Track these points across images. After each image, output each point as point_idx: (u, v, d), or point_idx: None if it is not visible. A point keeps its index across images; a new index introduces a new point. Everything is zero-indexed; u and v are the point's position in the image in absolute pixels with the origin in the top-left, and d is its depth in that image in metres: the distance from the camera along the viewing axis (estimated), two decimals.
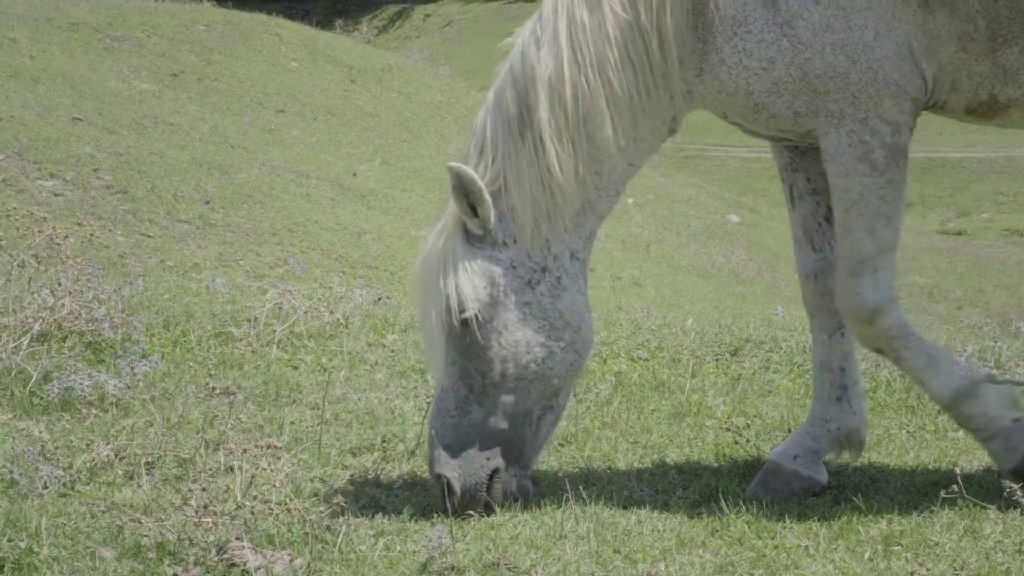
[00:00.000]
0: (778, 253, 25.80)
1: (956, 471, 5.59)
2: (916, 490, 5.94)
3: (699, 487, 6.02)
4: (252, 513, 5.17)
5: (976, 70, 5.62)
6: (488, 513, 5.56)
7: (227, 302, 9.54)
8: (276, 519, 5.24)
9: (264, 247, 15.05)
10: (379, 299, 10.10)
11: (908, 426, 7.25)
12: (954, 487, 5.45)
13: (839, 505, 5.77)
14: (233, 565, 4.94)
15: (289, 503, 5.29)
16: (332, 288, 9.99)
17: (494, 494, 5.59)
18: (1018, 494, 5.35)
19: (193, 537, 5.04)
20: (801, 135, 5.73)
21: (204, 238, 14.85)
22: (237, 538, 5.03)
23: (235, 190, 16.70)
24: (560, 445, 6.64)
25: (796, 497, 5.89)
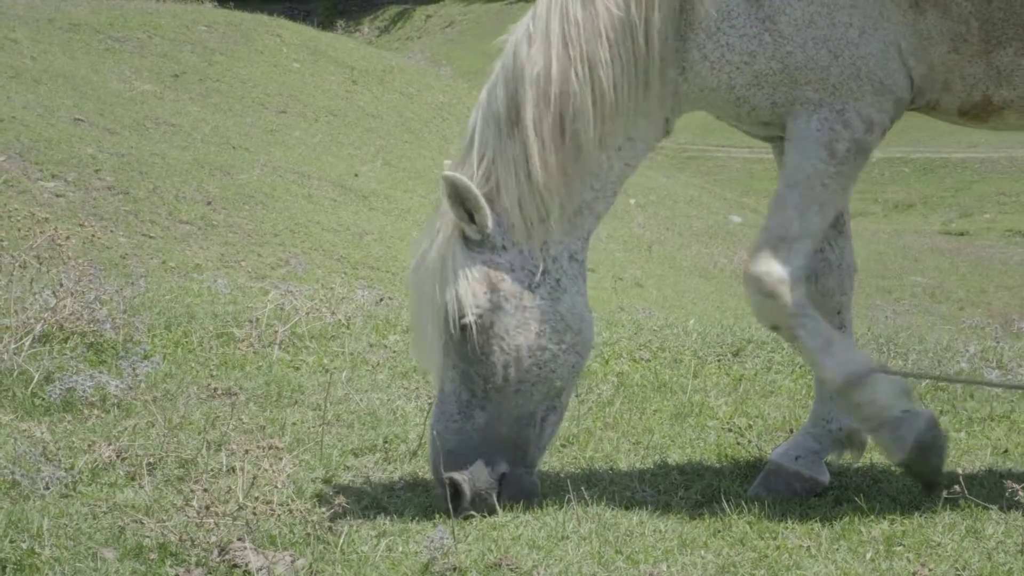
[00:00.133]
0: None
1: (958, 471, 5.59)
2: (918, 491, 5.93)
3: (701, 488, 6.01)
4: (254, 514, 5.17)
5: (969, 71, 5.58)
6: (490, 514, 5.56)
7: (229, 303, 9.54)
8: (278, 520, 5.24)
9: (266, 248, 15.04)
10: (381, 300, 10.10)
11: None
12: (956, 487, 5.44)
13: (841, 506, 5.77)
14: (235, 566, 4.94)
15: (291, 504, 5.29)
16: (334, 289, 9.99)
17: (502, 498, 5.59)
18: (1020, 494, 5.35)
19: (195, 538, 5.04)
20: (781, 125, 5.69)
21: (206, 239, 14.85)
22: (239, 539, 5.03)
23: (237, 191, 16.70)
24: (562, 446, 6.64)
25: (798, 498, 5.88)
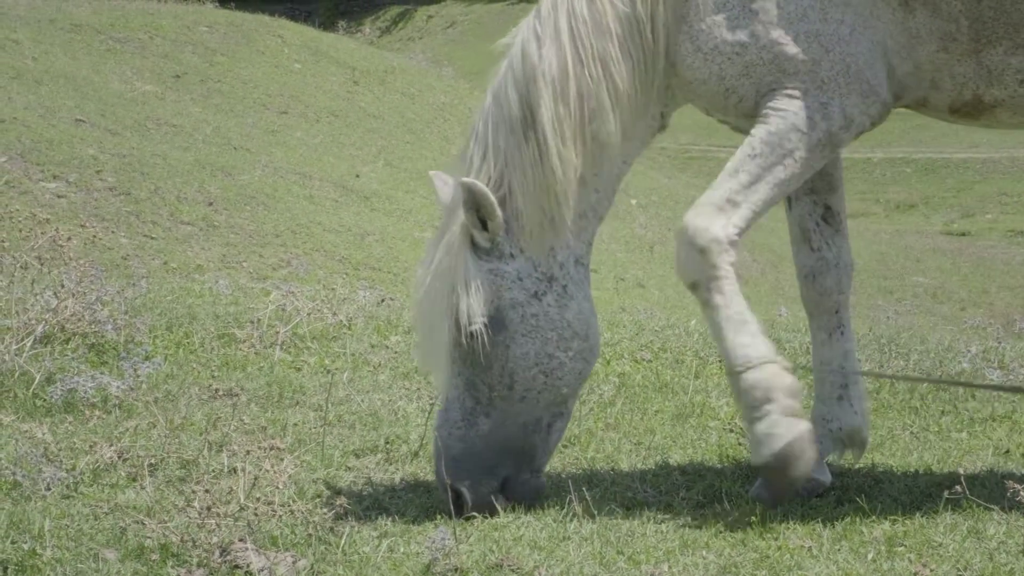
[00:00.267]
0: (781, 254, 25.75)
1: (960, 472, 5.59)
2: (920, 491, 5.94)
3: (702, 488, 6.01)
4: (255, 515, 5.17)
5: (959, 70, 5.56)
6: (492, 515, 5.56)
7: (230, 304, 9.55)
8: (279, 521, 5.24)
9: (267, 249, 15.04)
10: (382, 301, 10.10)
11: (911, 427, 7.24)
12: (958, 488, 5.44)
13: (842, 506, 5.77)
14: (236, 567, 4.94)
15: (292, 505, 5.29)
16: (335, 290, 10.00)
17: (503, 502, 5.58)
18: (1022, 495, 5.35)
19: (196, 539, 5.04)
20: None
21: (207, 240, 14.85)
22: (240, 540, 5.03)
23: (238, 192, 16.70)
24: (563, 446, 6.63)
25: (799, 498, 5.88)
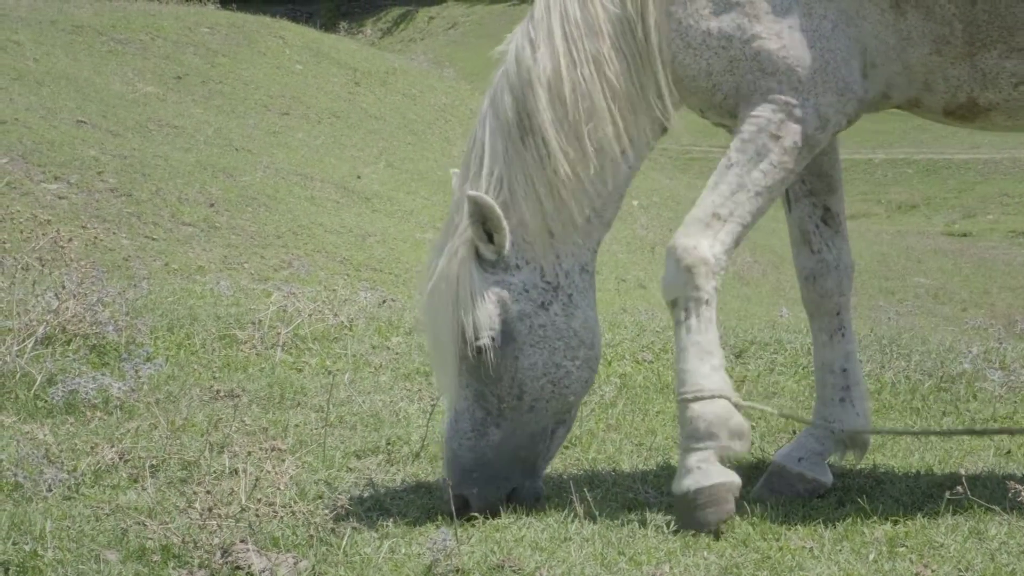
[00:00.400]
0: (783, 255, 25.75)
1: (961, 473, 5.58)
2: (921, 492, 5.94)
3: None
4: (257, 516, 5.17)
5: (952, 73, 5.54)
6: (494, 516, 5.56)
7: (231, 305, 9.55)
8: (280, 522, 5.24)
9: (268, 250, 15.03)
10: (383, 302, 10.10)
11: (913, 427, 7.24)
12: (959, 489, 5.43)
13: (844, 507, 5.77)
14: (238, 568, 4.95)
15: (293, 506, 5.29)
16: (336, 291, 9.99)
17: (513, 506, 5.58)
18: (1023, 495, 5.35)
19: (198, 540, 5.04)
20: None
21: (208, 241, 14.85)
22: (242, 541, 5.03)
23: (239, 193, 16.69)
24: (564, 447, 6.63)
25: (801, 499, 5.88)
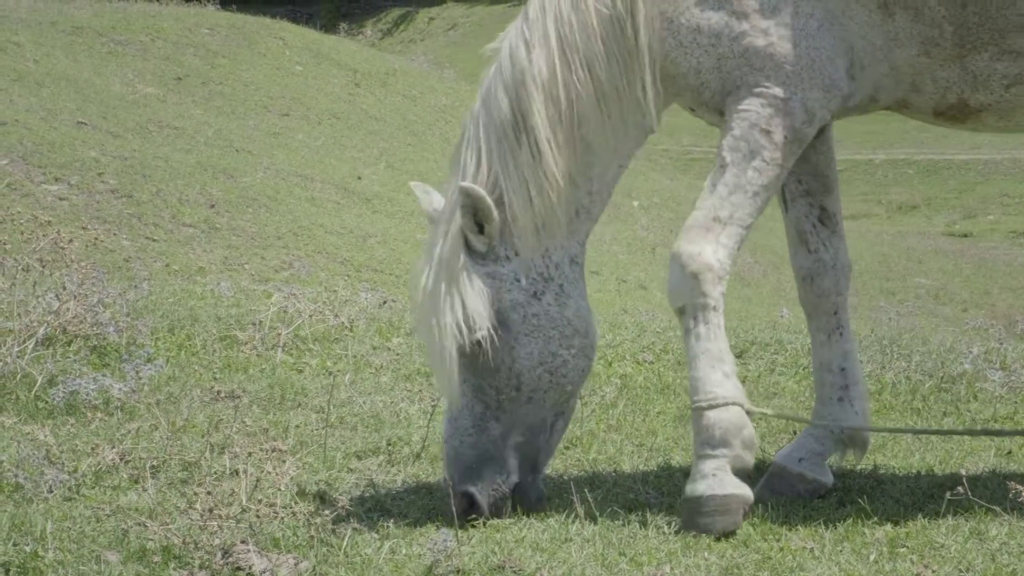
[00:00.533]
0: (783, 256, 25.72)
1: (962, 473, 5.58)
2: (922, 492, 5.93)
3: None
4: (257, 517, 5.17)
5: (942, 75, 5.54)
6: (500, 517, 5.54)
7: (232, 306, 9.55)
8: (281, 523, 5.24)
9: (269, 251, 15.04)
10: (384, 302, 10.10)
11: (914, 428, 7.24)
12: (960, 489, 5.43)
13: (844, 507, 5.76)
14: (238, 569, 4.95)
15: (294, 507, 5.29)
16: (337, 292, 9.99)
17: (515, 506, 5.57)
18: None
19: (198, 541, 5.04)
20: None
21: (209, 242, 14.85)
22: (242, 541, 5.03)
23: (240, 194, 16.69)
24: (565, 448, 6.63)
25: (802, 499, 5.88)
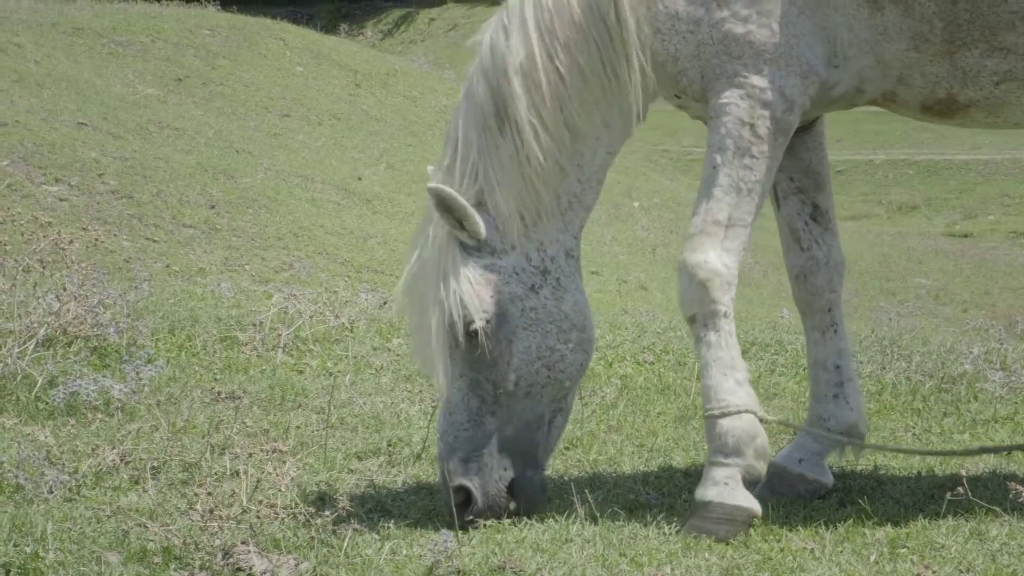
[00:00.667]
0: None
1: (962, 473, 5.58)
2: (922, 493, 5.94)
3: None
4: (258, 517, 5.17)
5: (931, 70, 5.53)
6: (500, 516, 5.53)
7: (232, 306, 9.55)
8: (282, 523, 5.24)
9: (269, 252, 15.04)
10: (384, 303, 10.09)
11: (914, 428, 7.24)
12: (960, 489, 5.43)
13: (845, 508, 5.77)
14: (239, 569, 4.95)
15: (295, 507, 5.29)
16: (337, 292, 10.00)
17: (514, 503, 5.56)
18: None
19: (199, 541, 5.04)
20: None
21: (209, 243, 14.86)
22: (243, 542, 5.03)
23: (240, 195, 16.70)
24: (566, 448, 6.63)
25: (802, 500, 5.88)
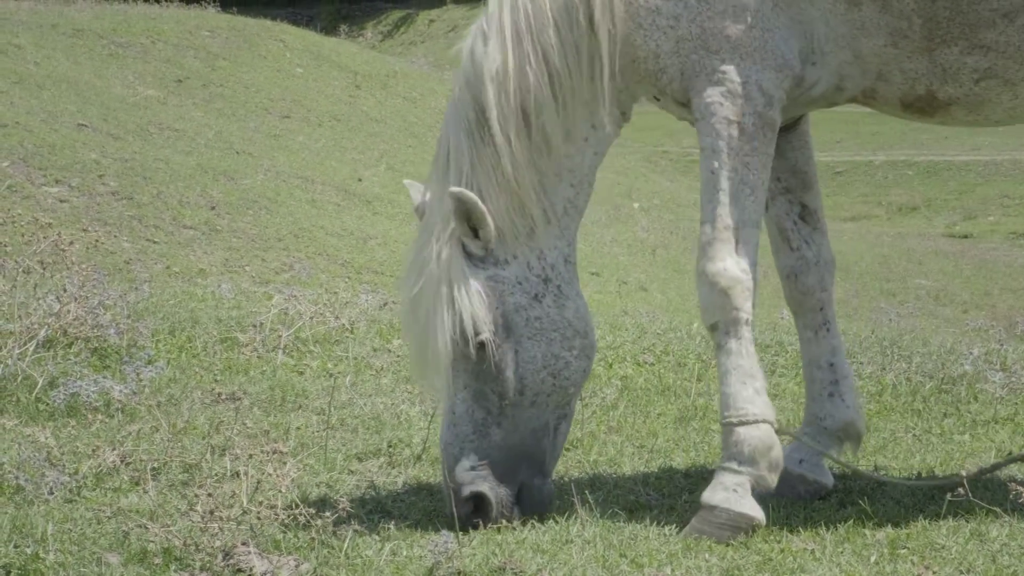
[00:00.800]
0: None
1: (962, 474, 5.58)
2: (922, 493, 5.93)
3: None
4: (258, 518, 5.17)
5: (910, 66, 5.52)
6: (510, 520, 5.52)
7: (233, 308, 9.55)
8: (282, 524, 5.24)
9: (270, 253, 15.05)
10: (384, 304, 10.09)
11: (914, 429, 7.24)
12: (960, 490, 5.43)
13: (845, 508, 5.77)
14: (239, 570, 4.95)
15: (295, 508, 5.29)
16: (338, 293, 9.99)
17: (522, 509, 5.55)
18: None
19: (199, 543, 5.04)
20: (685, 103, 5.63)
21: (210, 244, 14.86)
22: (243, 543, 5.03)
23: (241, 196, 16.70)
24: (566, 450, 6.62)
25: (802, 501, 5.88)
